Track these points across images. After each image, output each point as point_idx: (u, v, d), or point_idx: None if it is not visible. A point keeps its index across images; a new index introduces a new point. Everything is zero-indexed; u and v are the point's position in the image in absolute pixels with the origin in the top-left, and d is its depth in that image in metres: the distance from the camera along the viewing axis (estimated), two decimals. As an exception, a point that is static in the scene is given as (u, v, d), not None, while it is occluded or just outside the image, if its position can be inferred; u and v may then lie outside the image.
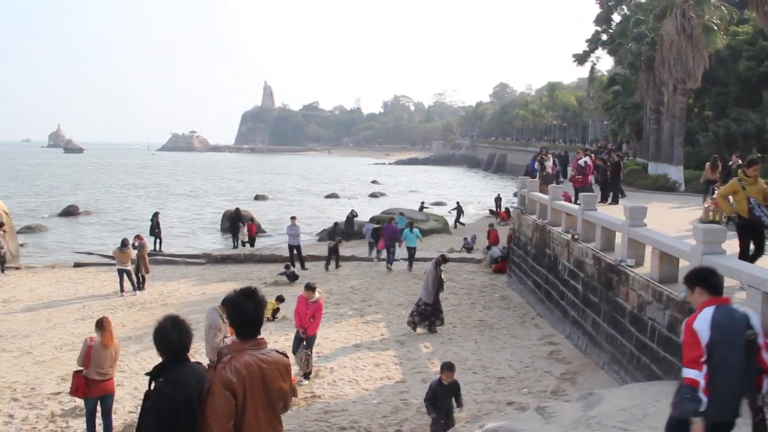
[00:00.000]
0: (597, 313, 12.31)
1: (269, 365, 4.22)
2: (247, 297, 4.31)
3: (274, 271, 22.53)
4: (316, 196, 64.38)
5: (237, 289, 4.39)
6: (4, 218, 26.24)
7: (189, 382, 4.30)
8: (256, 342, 4.27)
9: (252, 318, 4.28)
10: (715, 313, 4.56)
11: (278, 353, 4.40)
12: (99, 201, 56.95)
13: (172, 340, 4.40)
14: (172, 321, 4.50)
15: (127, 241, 20.65)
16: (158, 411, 4.27)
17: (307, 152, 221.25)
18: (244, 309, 4.26)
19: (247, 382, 4.09)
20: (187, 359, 4.47)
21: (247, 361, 4.14)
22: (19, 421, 10.29)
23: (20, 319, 17.36)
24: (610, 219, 12.86)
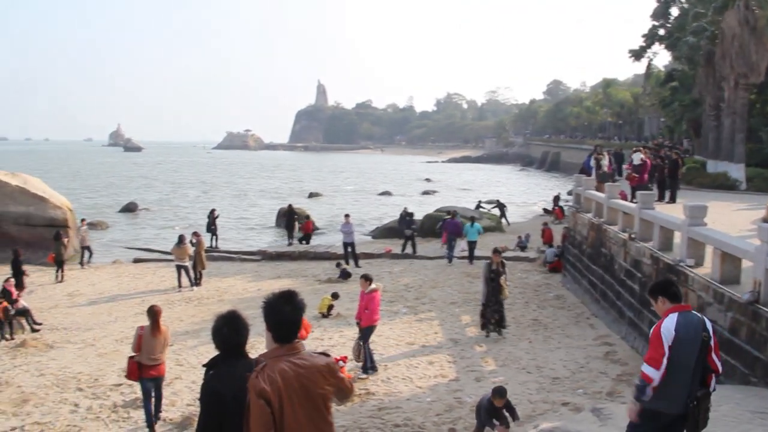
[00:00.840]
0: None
1: (306, 369, 4.02)
2: (285, 300, 4.15)
3: (328, 269, 22.73)
4: (370, 194, 64.57)
5: (275, 292, 4.23)
6: (67, 215, 27.02)
7: (240, 376, 4.28)
8: (291, 347, 4.07)
9: (288, 321, 4.10)
10: (678, 319, 5.28)
11: (318, 354, 4.20)
12: (157, 198, 58.13)
13: (224, 334, 4.50)
14: (227, 317, 4.59)
15: (183, 238, 21.09)
16: (205, 403, 4.41)
17: (360, 150, 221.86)
18: (281, 311, 4.09)
19: (283, 389, 3.91)
20: (243, 355, 4.54)
21: (282, 368, 3.96)
22: (84, 410, 10.65)
23: (84, 313, 17.90)
24: (668, 218, 12.66)
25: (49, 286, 21.48)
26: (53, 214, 26.54)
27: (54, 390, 11.61)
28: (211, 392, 4.35)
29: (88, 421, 10.15)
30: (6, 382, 12.13)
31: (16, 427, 10.04)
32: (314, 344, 13.51)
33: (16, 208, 26.18)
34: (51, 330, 16.01)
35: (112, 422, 10.10)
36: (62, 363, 13.23)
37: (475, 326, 15.13)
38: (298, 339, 4.14)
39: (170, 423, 9.95)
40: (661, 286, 5.66)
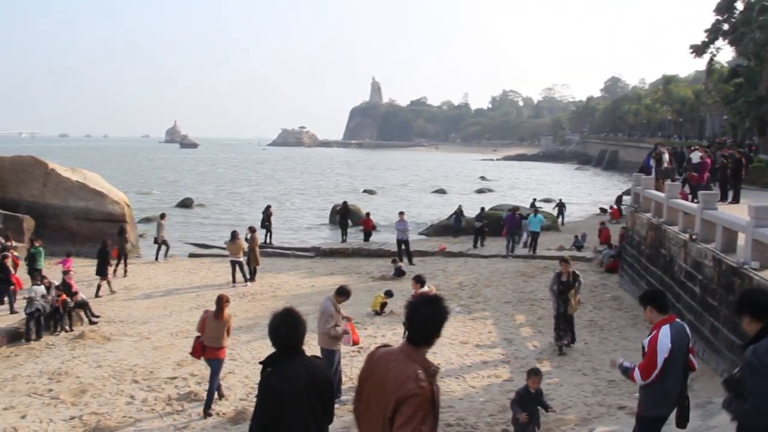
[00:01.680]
0: (716, 318, 11.74)
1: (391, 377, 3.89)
2: (426, 304, 4.06)
3: (382, 266, 22.70)
4: (424, 192, 64.45)
5: (421, 298, 4.17)
6: (125, 210, 27.54)
7: (297, 374, 4.39)
8: (414, 348, 3.99)
9: (430, 325, 4.00)
10: (671, 331, 5.79)
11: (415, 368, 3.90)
12: (212, 194, 58.99)
13: (281, 332, 4.50)
14: (284, 314, 4.58)
15: (237, 234, 21.28)
16: (262, 400, 4.43)
17: (415, 148, 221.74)
18: (423, 315, 4.00)
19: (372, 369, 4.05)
20: (300, 352, 4.54)
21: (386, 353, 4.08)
22: (140, 402, 10.81)
23: (140, 306, 18.21)
24: (732, 219, 12.24)
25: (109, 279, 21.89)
26: (111, 209, 27.08)
27: (111, 381, 11.82)
28: (269, 389, 4.38)
29: (143, 413, 10.29)
30: (65, 372, 12.41)
31: (75, 416, 10.25)
32: (367, 342, 13.47)
33: (76, 203, 26.80)
34: (108, 322, 16.33)
35: (166, 415, 10.22)
36: (119, 355, 13.47)
37: (530, 326, 14.90)
38: (424, 347, 4.01)
39: (223, 417, 10.02)
40: (651, 297, 6.14)
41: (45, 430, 9.82)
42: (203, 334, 10.28)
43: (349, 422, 9.42)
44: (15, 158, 27.95)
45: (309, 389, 4.39)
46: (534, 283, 19.42)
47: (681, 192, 17.03)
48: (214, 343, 10.21)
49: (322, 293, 18.43)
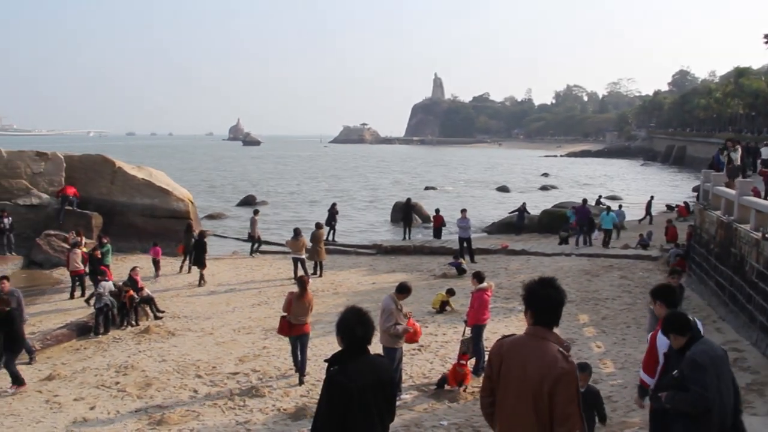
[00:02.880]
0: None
1: (533, 359, 4.11)
2: (549, 285, 4.34)
3: (443, 264, 22.57)
4: (486, 189, 63.97)
5: (540, 280, 4.43)
6: (189, 207, 28.04)
7: (364, 372, 4.42)
8: (544, 331, 4.22)
9: (555, 306, 4.29)
10: None
11: (559, 353, 4.12)
12: (274, 191, 59.64)
13: (357, 333, 4.53)
14: (357, 314, 4.61)
15: (299, 231, 21.48)
16: (330, 398, 4.43)
17: (477, 144, 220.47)
18: (550, 297, 4.27)
19: (504, 359, 4.18)
20: (367, 351, 4.59)
21: (516, 341, 4.25)
22: (202, 396, 10.95)
23: (203, 302, 18.49)
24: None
25: (172, 275, 22.35)
26: (176, 206, 27.61)
27: (175, 375, 12.02)
28: (338, 387, 4.40)
29: (206, 407, 10.42)
30: (132, 366, 12.68)
31: (140, 408, 10.46)
32: (428, 340, 13.40)
33: (142, 200, 27.42)
34: (172, 318, 16.65)
35: (228, 409, 10.33)
36: (182, 350, 13.70)
37: (594, 326, 14.58)
38: (553, 328, 4.28)
39: (283, 413, 10.08)
40: (662, 292, 6.43)
41: (112, 421, 10.05)
42: (290, 313, 11.39)
43: (408, 421, 9.37)
44: (84, 157, 28.76)
45: (374, 388, 4.42)
46: (598, 282, 19.02)
47: (753, 189, 16.42)
48: (301, 320, 11.39)
49: (383, 291, 18.42)
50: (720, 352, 5.56)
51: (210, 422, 9.82)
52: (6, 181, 26.36)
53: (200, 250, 21.09)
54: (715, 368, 5.31)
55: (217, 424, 9.73)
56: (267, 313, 16.75)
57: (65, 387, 11.71)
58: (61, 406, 10.73)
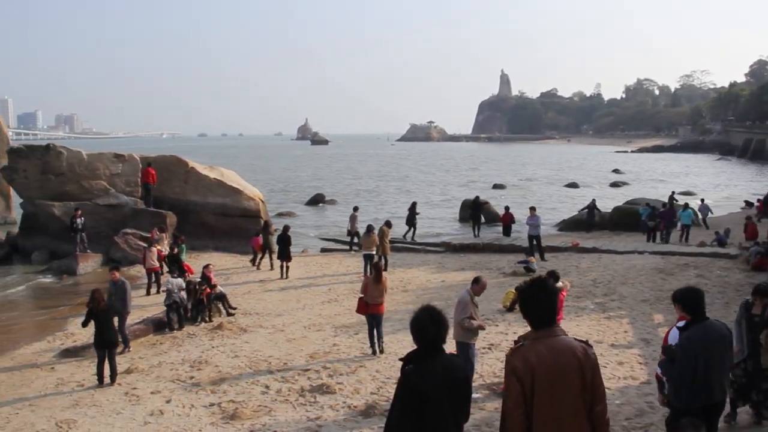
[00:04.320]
0: None
1: (564, 353, 4.16)
2: (540, 286, 4.41)
3: (513, 261, 22.33)
4: (555, 185, 63.08)
5: (531, 280, 4.55)
6: (260, 206, 28.48)
7: (438, 371, 4.39)
8: (550, 331, 4.27)
9: (544, 307, 4.30)
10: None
11: (578, 341, 4.31)
12: (343, 190, 60.03)
13: (429, 333, 4.49)
14: (430, 313, 4.56)
15: (371, 227, 21.75)
16: (403, 396, 4.43)
17: (545, 141, 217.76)
18: (537, 298, 4.33)
19: (536, 370, 4.09)
20: (442, 350, 4.54)
21: (539, 349, 4.16)
22: (274, 392, 11.07)
23: (274, 299, 18.75)
24: None
25: (243, 272, 22.75)
26: (247, 205, 28.08)
27: (247, 371, 12.21)
28: (412, 386, 4.39)
29: (277, 403, 10.54)
30: (205, 361, 12.95)
31: (214, 403, 10.66)
32: (498, 338, 13.28)
33: (214, 199, 27.97)
34: (244, 314, 16.92)
35: (299, 405, 10.42)
36: (254, 346, 13.91)
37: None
38: (556, 323, 4.37)
39: (354, 410, 10.12)
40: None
41: (187, 414, 10.28)
42: (366, 294, 12.95)
43: (479, 420, 9.29)
44: (159, 158, 29.52)
45: (449, 388, 4.39)
46: (673, 281, 18.47)
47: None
48: (376, 300, 12.92)
49: (452, 289, 18.38)
50: (717, 335, 6.15)
51: (281, 418, 9.93)
52: (86, 182, 27.29)
53: (285, 244, 21.71)
54: (704, 348, 6.00)
55: (288, 420, 9.83)
56: (337, 311, 16.86)
57: (143, 380, 12.08)
58: (139, 399, 11.09)
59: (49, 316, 18.41)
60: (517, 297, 15.04)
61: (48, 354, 14.39)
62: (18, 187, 28.36)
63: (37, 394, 11.74)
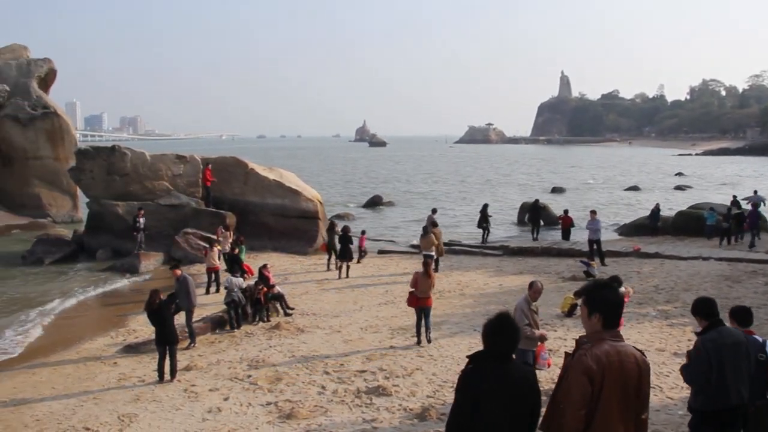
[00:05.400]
0: None
1: (628, 358, 4.17)
2: (611, 288, 4.48)
3: (572, 266, 21.99)
4: (616, 189, 61.91)
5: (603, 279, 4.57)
6: (318, 207, 28.65)
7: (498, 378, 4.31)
8: (614, 333, 4.27)
9: (616, 305, 4.35)
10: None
11: (636, 349, 4.30)
12: (401, 191, 60.02)
13: (496, 340, 4.44)
14: (500, 322, 4.51)
15: (429, 228, 21.82)
16: (458, 393, 4.45)
17: (606, 143, 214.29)
18: (611, 298, 4.35)
19: (606, 371, 4.08)
20: (509, 358, 4.48)
21: (607, 350, 4.14)
22: (330, 392, 11.11)
23: (331, 300, 18.82)
24: None
25: (301, 273, 22.90)
26: (305, 206, 28.28)
27: (303, 371, 12.28)
28: (466, 386, 4.38)
29: (333, 404, 10.56)
30: (263, 360, 13.08)
31: (271, 402, 10.76)
32: (556, 344, 13.06)
33: (273, 200, 28.26)
34: (302, 315, 17.02)
35: (355, 407, 10.43)
36: (311, 346, 13.98)
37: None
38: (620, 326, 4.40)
39: (410, 413, 10.07)
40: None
41: (244, 412, 10.39)
42: (416, 288, 13.81)
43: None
44: (219, 159, 29.98)
45: (510, 397, 4.29)
46: (740, 289, 17.90)
47: None
48: (425, 294, 13.83)
49: (510, 293, 18.17)
50: (731, 340, 6.22)
51: (337, 419, 9.95)
52: (149, 182, 27.91)
53: (345, 244, 22.16)
54: (717, 353, 6.10)
55: (344, 421, 9.84)
56: (394, 312, 16.84)
57: (201, 377, 12.26)
58: (198, 396, 11.26)
59: (113, 312, 18.85)
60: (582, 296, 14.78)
61: (111, 349, 14.75)
62: (84, 187, 29.17)
63: (101, 388, 12.05)
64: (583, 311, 4.40)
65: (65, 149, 38.54)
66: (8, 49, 41.53)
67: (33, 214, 37.27)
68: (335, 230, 23.75)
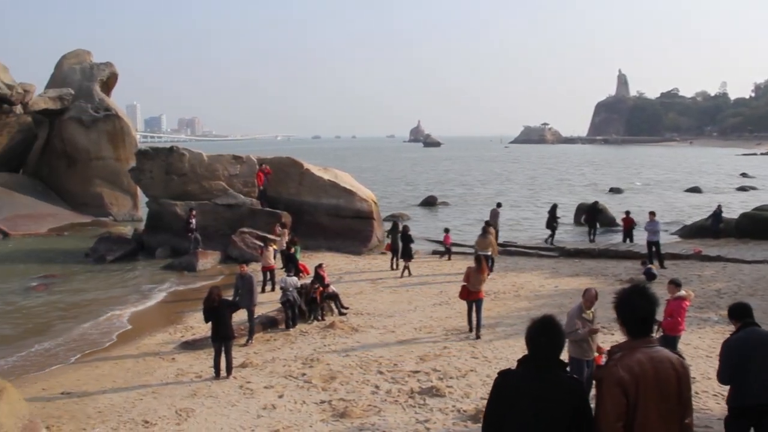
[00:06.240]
0: None
1: (663, 364, 4.06)
2: (639, 294, 4.27)
3: (630, 268, 21.59)
4: (676, 190, 60.56)
5: (629, 286, 4.37)
6: (372, 207, 28.69)
7: (536, 385, 4.15)
8: (647, 340, 4.16)
9: (643, 315, 4.20)
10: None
11: (673, 353, 4.19)
12: (456, 192, 59.71)
13: (537, 343, 4.31)
14: (542, 324, 4.37)
15: (487, 228, 21.75)
16: (491, 396, 4.34)
17: (665, 143, 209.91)
18: (636, 306, 4.20)
19: (640, 380, 3.97)
20: (554, 365, 4.27)
21: (640, 358, 4.04)
22: (384, 392, 11.13)
23: (385, 300, 18.83)
24: None
25: (356, 272, 22.97)
26: (360, 206, 28.34)
27: (357, 371, 12.32)
28: (496, 387, 4.30)
29: (387, 404, 10.57)
30: (317, 359, 13.16)
31: (325, 400, 10.84)
32: (613, 347, 12.80)
33: (328, 200, 28.40)
34: (356, 314, 17.07)
35: (408, 407, 10.42)
36: (365, 346, 14.03)
37: None
38: (652, 333, 4.31)
39: (464, 414, 10.02)
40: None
41: (299, 410, 10.48)
42: (468, 282, 14.63)
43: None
44: (275, 159, 30.28)
45: (548, 406, 4.08)
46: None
47: None
48: (476, 288, 14.61)
49: (566, 295, 17.95)
50: (758, 340, 6.54)
51: (390, 419, 9.94)
52: (207, 182, 28.36)
53: (406, 243, 22.62)
54: (742, 351, 6.46)
55: (397, 421, 9.83)
56: (448, 313, 16.77)
57: (257, 375, 12.40)
58: (253, 392, 11.40)
59: (171, 309, 19.20)
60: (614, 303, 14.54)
61: (169, 345, 15.04)
62: (144, 187, 29.80)
63: (159, 383, 12.30)
64: None
65: (126, 150, 39.47)
66: (73, 54, 42.72)
67: (95, 213, 38.27)
68: (398, 230, 23.75)
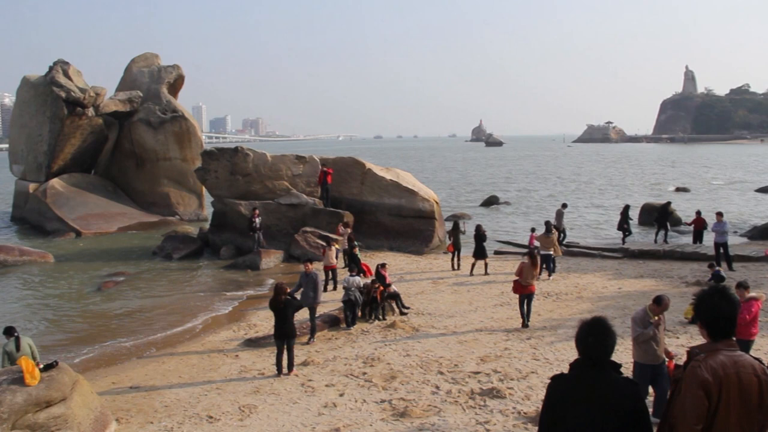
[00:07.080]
0: None
1: (746, 369, 3.97)
2: (720, 295, 4.19)
3: (696, 270, 21.11)
4: (746, 190, 58.80)
5: (710, 287, 4.31)
6: (434, 207, 28.70)
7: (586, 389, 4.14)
8: (729, 343, 4.08)
9: (725, 317, 4.11)
10: None
11: (755, 359, 4.09)
12: (518, 191, 59.18)
13: (586, 344, 4.30)
14: (591, 324, 4.35)
15: (551, 227, 21.72)
16: (545, 401, 4.34)
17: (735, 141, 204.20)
18: (718, 307, 4.12)
19: (723, 383, 3.91)
20: (608, 367, 4.25)
21: (723, 361, 3.96)
22: (444, 393, 11.16)
23: (446, 300, 18.81)
24: None
25: (417, 272, 23.01)
26: (421, 206, 28.39)
27: (418, 371, 12.37)
28: (548, 394, 4.31)
29: (447, 404, 10.60)
30: (378, 358, 13.27)
31: (385, 399, 10.93)
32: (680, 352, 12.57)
33: (390, 200, 28.53)
34: (417, 314, 17.12)
35: (468, 408, 10.42)
36: (426, 346, 14.06)
37: None
38: (733, 336, 4.19)
39: (524, 416, 9.98)
40: None
41: (359, 409, 10.60)
42: (521, 277, 15.26)
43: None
44: (338, 159, 30.56)
45: (602, 410, 4.05)
46: None
47: None
48: (528, 282, 15.27)
49: (629, 297, 17.68)
50: None
51: (450, 419, 9.97)
52: (270, 182, 28.81)
53: (480, 242, 22.59)
54: None
55: (457, 422, 9.85)
56: (509, 314, 16.68)
57: (318, 373, 12.57)
58: (314, 390, 11.57)
59: (236, 307, 19.57)
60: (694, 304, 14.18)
61: (233, 342, 15.35)
62: (209, 187, 30.41)
63: (223, 379, 12.59)
64: None
65: (192, 150, 40.33)
66: (141, 57, 43.85)
67: (162, 212, 39.20)
68: (459, 230, 23.76)
